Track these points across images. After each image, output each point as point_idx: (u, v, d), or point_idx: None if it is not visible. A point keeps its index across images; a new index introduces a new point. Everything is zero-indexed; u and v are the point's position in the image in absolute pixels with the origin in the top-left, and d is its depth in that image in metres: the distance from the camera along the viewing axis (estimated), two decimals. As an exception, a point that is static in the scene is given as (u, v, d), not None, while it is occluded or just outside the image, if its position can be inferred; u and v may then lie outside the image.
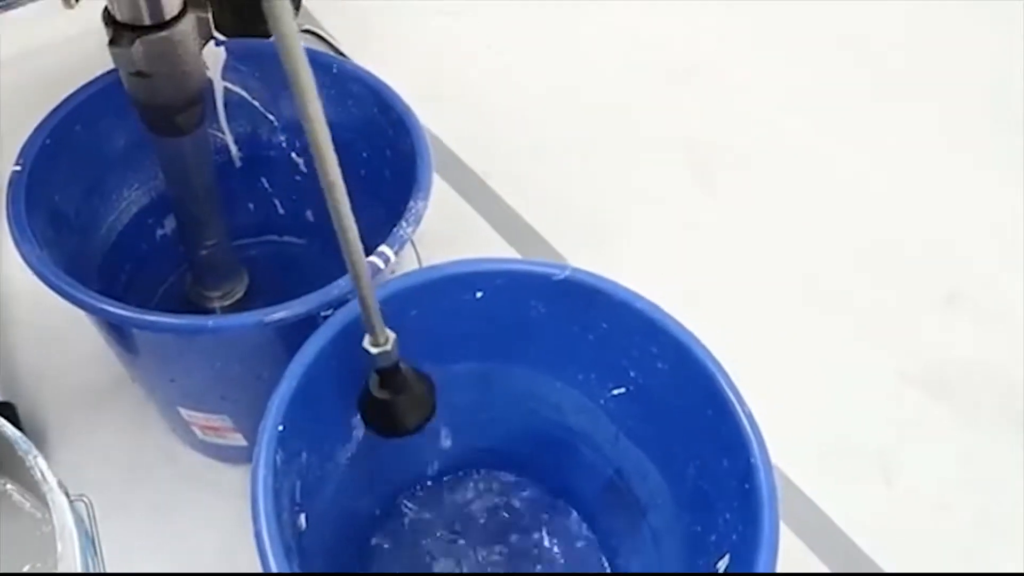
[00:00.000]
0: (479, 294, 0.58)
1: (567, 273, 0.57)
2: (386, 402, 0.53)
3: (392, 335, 0.49)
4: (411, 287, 0.57)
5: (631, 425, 0.62)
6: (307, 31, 0.86)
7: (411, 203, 0.60)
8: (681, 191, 0.99)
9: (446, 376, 0.64)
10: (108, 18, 0.54)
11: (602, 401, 0.62)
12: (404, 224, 0.59)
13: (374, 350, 0.49)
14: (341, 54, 0.85)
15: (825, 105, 1.09)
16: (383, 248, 0.58)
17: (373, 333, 0.49)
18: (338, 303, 0.56)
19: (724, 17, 1.20)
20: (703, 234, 0.95)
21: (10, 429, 0.51)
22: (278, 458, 0.49)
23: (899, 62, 1.15)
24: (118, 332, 0.61)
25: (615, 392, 0.61)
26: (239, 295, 0.75)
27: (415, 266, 0.69)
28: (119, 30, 0.54)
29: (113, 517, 0.68)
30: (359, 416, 0.55)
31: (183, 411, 0.68)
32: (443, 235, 0.87)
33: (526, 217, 0.92)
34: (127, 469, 0.74)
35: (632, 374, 0.59)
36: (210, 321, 0.55)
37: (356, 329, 0.55)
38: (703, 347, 0.55)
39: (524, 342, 0.62)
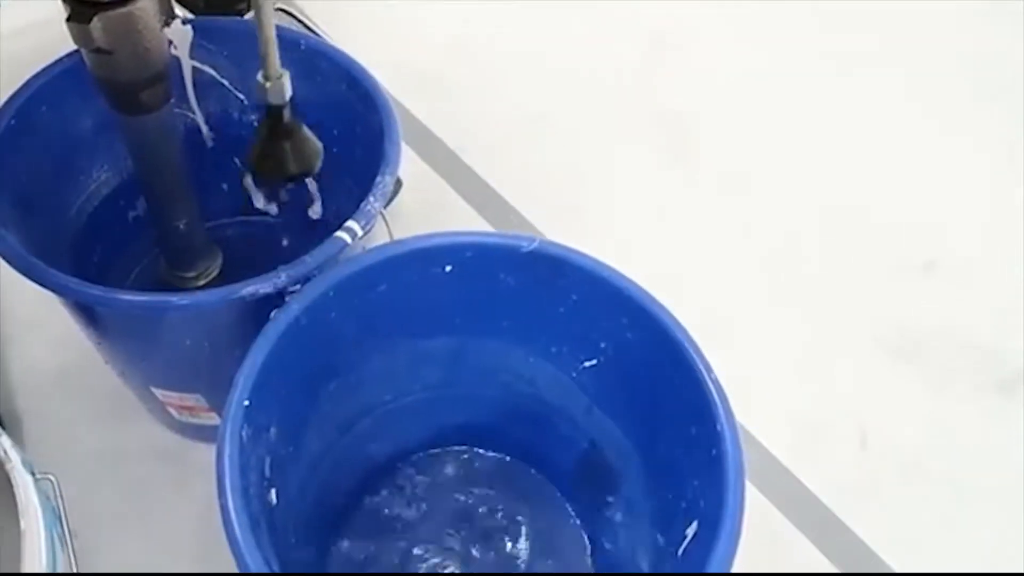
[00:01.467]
0: (448, 267, 0.58)
1: (535, 245, 0.57)
2: (272, 145, 0.56)
3: (285, 72, 0.54)
4: (379, 261, 0.57)
5: (603, 396, 0.62)
6: (281, 9, 0.85)
7: (378, 178, 0.60)
8: (655, 163, 0.99)
9: (418, 351, 0.64)
10: (65, -5, 0.54)
11: (574, 374, 0.62)
12: (371, 199, 0.59)
13: (267, 84, 0.53)
14: (314, 33, 0.84)
15: (798, 73, 1.09)
16: (350, 223, 0.58)
17: (265, 66, 0.53)
18: (305, 279, 0.56)
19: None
20: (677, 206, 0.95)
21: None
22: (244, 433, 0.49)
23: (874, 29, 1.14)
24: (86, 312, 0.61)
25: (587, 364, 0.61)
26: (214, 274, 0.75)
27: (387, 238, 0.69)
28: (77, 6, 0.53)
29: (90, 499, 0.69)
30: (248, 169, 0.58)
31: (156, 391, 0.68)
32: (418, 212, 0.88)
33: (501, 192, 0.92)
34: (103, 451, 0.74)
35: (603, 345, 0.60)
36: (175, 298, 0.55)
37: (323, 304, 0.56)
38: (671, 316, 0.55)
39: (495, 315, 0.62)
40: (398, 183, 0.88)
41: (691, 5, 1.16)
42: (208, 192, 0.78)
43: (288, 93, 0.57)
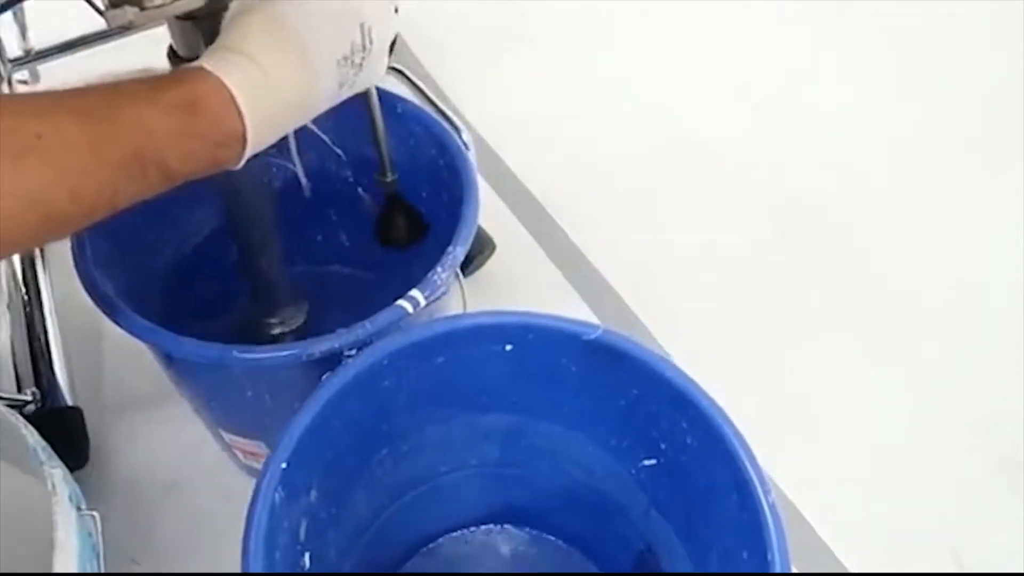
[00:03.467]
0: (508, 347, 0.57)
1: (597, 334, 0.54)
2: (388, 218, 0.67)
3: (395, 176, 0.65)
4: (437, 335, 0.56)
5: (662, 498, 0.58)
6: (393, 68, 0.87)
7: (449, 248, 0.59)
8: (754, 239, 0.94)
9: (474, 425, 0.62)
10: (171, 54, 0.56)
11: (633, 471, 0.59)
12: (439, 269, 0.58)
13: (386, 179, 0.65)
14: (422, 91, 0.86)
15: (922, 156, 1.02)
16: (414, 292, 0.57)
17: (383, 170, 0.65)
18: (362, 344, 0.55)
19: (817, 51, 1.15)
20: (777, 287, 0.91)
21: (33, 438, 0.52)
22: (277, 496, 0.49)
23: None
24: (162, 354, 0.63)
25: (646, 463, 0.58)
26: (298, 323, 0.76)
27: (460, 307, 0.68)
28: (179, 65, 0.56)
29: (152, 529, 0.71)
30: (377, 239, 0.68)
31: (224, 433, 0.69)
32: (508, 277, 0.87)
33: (591, 259, 0.90)
34: (173, 482, 0.76)
35: (662, 446, 0.56)
36: (235, 351, 0.55)
37: (377, 371, 0.55)
38: (731, 426, 0.51)
39: (555, 399, 0.59)
40: (491, 246, 0.88)
41: (809, 68, 1.12)
42: (303, 241, 0.80)
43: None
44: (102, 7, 0.49)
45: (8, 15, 0.91)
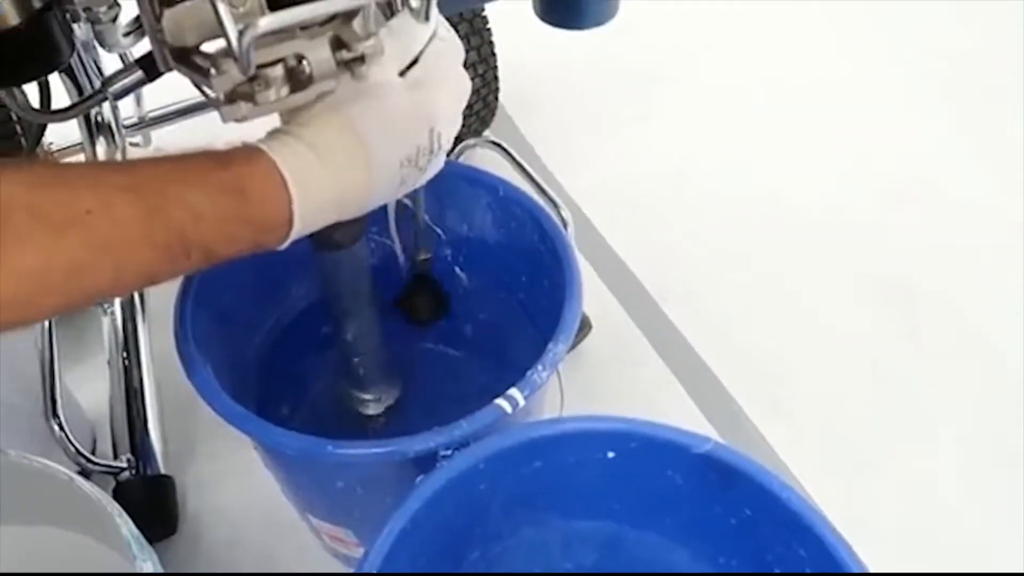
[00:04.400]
0: (610, 454, 0.54)
1: (707, 448, 0.51)
2: (414, 294, 0.72)
3: (429, 254, 0.70)
4: (536, 439, 0.53)
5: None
6: (492, 143, 0.86)
7: (550, 345, 0.57)
8: (875, 335, 0.88)
9: (571, 531, 0.59)
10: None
11: (743, 591, 0.55)
12: (539, 367, 0.56)
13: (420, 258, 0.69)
14: (520, 166, 0.84)
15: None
16: (513, 391, 0.55)
17: (417, 249, 0.68)
18: (459, 444, 0.53)
19: (944, 136, 1.09)
20: (894, 376, 0.84)
21: (127, 527, 0.51)
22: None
23: None
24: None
25: (758, 584, 0.54)
26: (392, 402, 0.75)
27: (557, 402, 0.66)
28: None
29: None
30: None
31: (311, 517, 0.67)
32: (604, 361, 0.84)
33: (699, 350, 0.86)
34: (262, 556, 0.75)
35: (778, 571, 0.52)
36: (329, 446, 0.54)
37: (472, 475, 0.53)
38: (853, 554, 0.47)
39: (658, 510, 0.56)
40: (588, 326, 0.85)
41: (938, 155, 1.06)
42: (400, 318, 0.79)
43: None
44: (216, 99, 0.49)
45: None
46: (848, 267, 0.95)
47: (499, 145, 0.86)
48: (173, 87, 0.57)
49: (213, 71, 0.47)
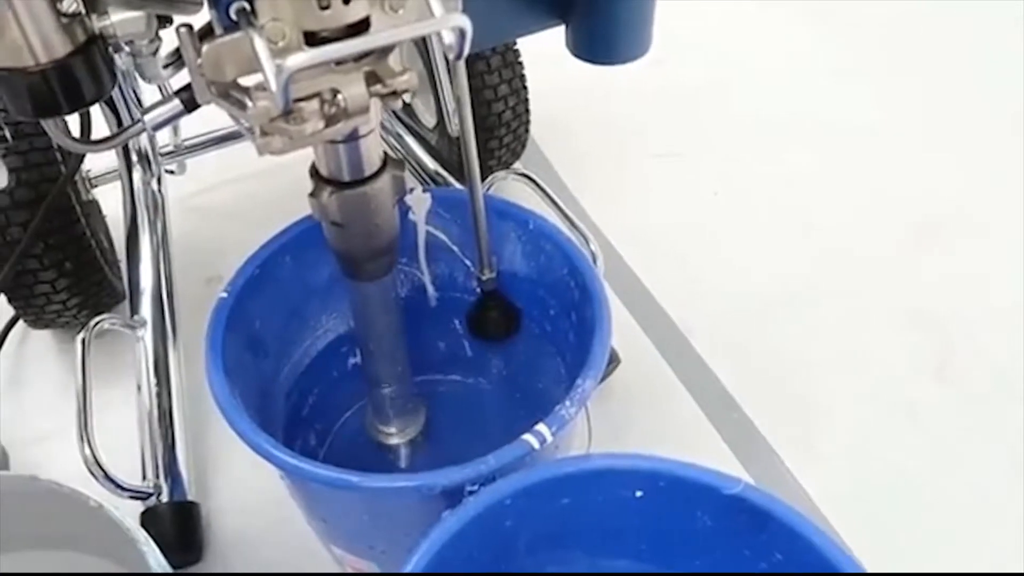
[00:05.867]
0: (638, 493, 0.53)
1: (738, 489, 0.50)
2: (484, 314, 0.71)
3: (493, 274, 0.69)
4: (563, 475, 0.52)
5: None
6: (522, 174, 0.86)
7: (578, 381, 0.57)
8: (910, 374, 0.87)
9: (596, 569, 0.59)
10: (313, 171, 0.57)
11: (773, 636, 0.54)
12: (567, 404, 0.55)
13: (484, 277, 0.68)
14: (553, 201, 0.84)
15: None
16: (540, 427, 0.54)
17: (482, 267, 0.67)
18: (485, 479, 0.53)
19: (982, 170, 1.07)
20: (932, 420, 0.83)
21: (155, 560, 0.52)
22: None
23: None
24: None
25: (788, 630, 0.52)
26: (415, 434, 0.75)
27: (585, 438, 0.65)
28: (320, 183, 0.56)
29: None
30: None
31: (334, 548, 0.67)
32: (633, 396, 0.83)
33: (728, 386, 0.85)
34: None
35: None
36: (355, 479, 0.54)
37: (499, 511, 0.52)
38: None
39: (688, 552, 0.55)
40: (616, 360, 0.85)
41: (970, 194, 1.05)
42: (425, 348, 0.79)
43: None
44: (251, 132, 0.50)
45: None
46: (882, 302, 0.93)
47: (529, 177, 0.86)
48: (209, 115, 0.58)
49: (250, 104, 0.48)
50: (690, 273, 0.96)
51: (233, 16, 0.46)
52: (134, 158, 0.94)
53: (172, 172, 1.05)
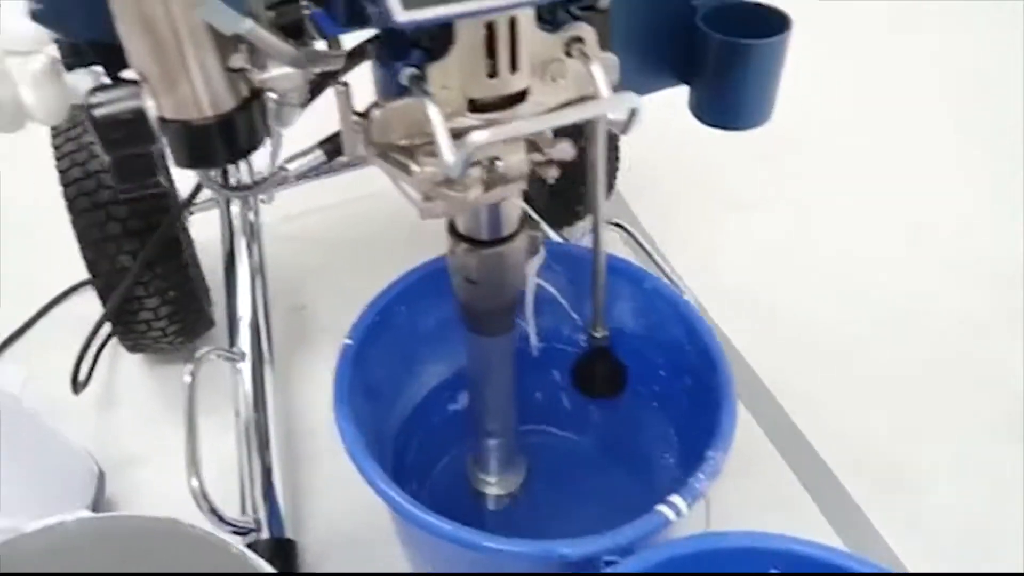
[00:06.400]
0: (772, 571, 0.53)
1: (869, 570, 0.50)
2: (592, 371, 0.69)
3: (606, 332, 0.67)
4: (700, 552, 0.52)
5: None
6: (616, 224, 0.86)
7: (710, 452, 0.56)
8: (1010, 445, 0.86)
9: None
10: (451, 229, 0.57)
11: None
12: (700, 476, 0.55)
13: (597, 335, 0.67)
14: (644, 248, 0.84)
15: None
16: (675, 499, 0.54)
17: (596, 324, 0.67)
18: (620, 550, 0.53)
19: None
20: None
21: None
22: None
23: None
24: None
25: None
26: (515, 487, 0.75)
27: (702, 517, 0.64)
28: (457, 239, 0.57)
29: None
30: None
31: (439, 599, 0.67)
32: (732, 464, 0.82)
33: (823, 453, 0.84)
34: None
35: None
36: (480, 539, 0.53)
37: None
38: None
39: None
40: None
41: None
42: (522, 397, 0.79)
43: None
44: (410, 195, 0.51)
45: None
46: (975, 367, 0.92)
47: (623, 227, 0.86)
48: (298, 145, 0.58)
49: (416, 169, 0.49)
50: (780, 333, 0.96)
51: (404, 82, 0.47)
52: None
53: (264, 201, 1.06)
